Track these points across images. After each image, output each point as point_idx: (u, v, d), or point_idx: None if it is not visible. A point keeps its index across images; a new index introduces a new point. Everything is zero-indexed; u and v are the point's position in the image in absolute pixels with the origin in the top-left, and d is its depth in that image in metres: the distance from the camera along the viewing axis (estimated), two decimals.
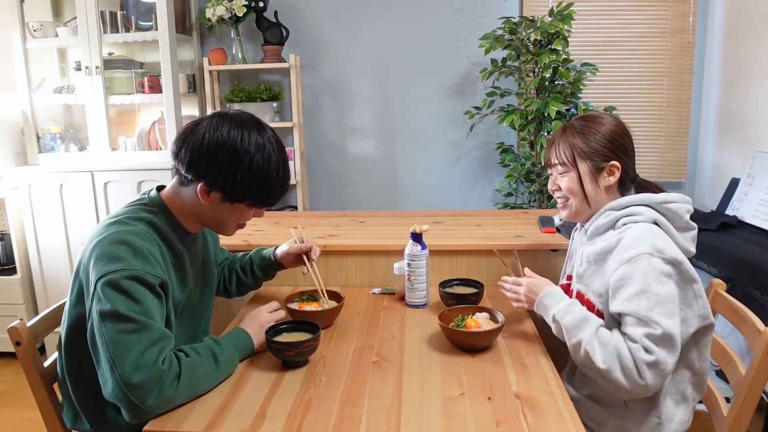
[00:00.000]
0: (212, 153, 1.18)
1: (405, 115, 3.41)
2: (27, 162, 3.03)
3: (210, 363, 1.17)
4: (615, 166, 1.34)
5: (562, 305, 1.29)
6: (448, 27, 3.26)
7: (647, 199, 1.31)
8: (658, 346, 1.15)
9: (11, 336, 1.29)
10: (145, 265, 1.13)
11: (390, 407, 1.10)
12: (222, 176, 1.19)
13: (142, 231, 1.19)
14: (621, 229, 1.29)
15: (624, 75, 3.26)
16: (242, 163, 1.18)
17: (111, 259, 1.12)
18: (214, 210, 1.26)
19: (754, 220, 2.37)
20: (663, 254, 1.20)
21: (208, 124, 1.20)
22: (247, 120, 1.23)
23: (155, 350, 1.08)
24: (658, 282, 1.18)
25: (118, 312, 1.08)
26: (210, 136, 1.18)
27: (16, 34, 2.91)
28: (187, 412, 1.10)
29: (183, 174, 1.24)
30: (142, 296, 1.11)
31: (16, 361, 1.36)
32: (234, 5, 3.01)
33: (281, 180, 1.25)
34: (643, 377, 1.15)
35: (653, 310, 1.16)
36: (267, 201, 1.27)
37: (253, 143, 1.19)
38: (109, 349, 1.07)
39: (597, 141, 1.33)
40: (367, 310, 1.62)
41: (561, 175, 1.38)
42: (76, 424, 1.30)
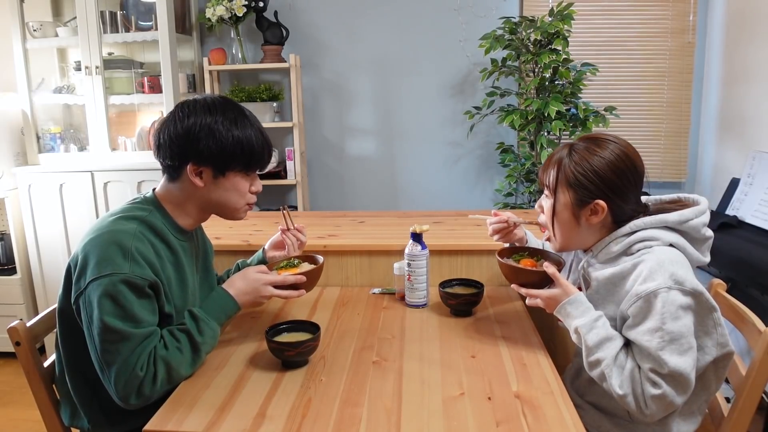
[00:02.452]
0: (188, 131, 1.23)
1: (405, 115, 3.41)
2: (27, 162, 3.03)
3: (188, 350, 1.22)
4: (600, 206, 1.23)
5: (587, 320, 1.21)
6: (448, 27, 3.25)
7: (662, 221, 1.23)
8: (665, 382, 1.12)
9: (11, 336, 1.29)
10: (134, 267, 1.15)
11: (390, 407, 1.10)
12: (204, 148, 1.22)
13: (133, 230, 1.20)
14: (636, 255, 1.22)
15: (624, 75, 3.26)
16: (218, 130, 1.23)
17: (101, 261, 1.15)
18: (212, 191, 1.28)
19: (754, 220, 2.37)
20: (683, 285, 1.14)
21: (177, 112, 1.26)
22: (212, 97, 1.29)
23: (134, 357, 1.14)
24: (674, 318, 1.12)
25: (104, 322, 1.13)
26: (182, 119, 1.24)
27: (16, 34, 2.91)
28: (187, 412, 1.10)
29: (169, 164, 1.26)
30: (128, 301, 1.14)
31: (16, 361, 1.37)
32: (234, 5, 3.01)
33: (258, 133, 1.28)
34: (648, 407, 1.14)
35: (663, 350, 1.11)
36: (254, 160, 1.28)
37: (220, 109, 1.25)
38: (99, 353, 1.15)
39: (585, 175, 1.22)
40: (367, 310, 1.62)
41: (546, 197, 1.32)
42: (74, 421, 1.31)
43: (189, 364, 1.22)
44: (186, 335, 1.23)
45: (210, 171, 1.26)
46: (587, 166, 1.23)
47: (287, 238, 1.56)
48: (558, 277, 1.27)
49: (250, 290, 1.33)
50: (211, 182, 1.27)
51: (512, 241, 1.57)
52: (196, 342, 1.23)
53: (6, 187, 2.95)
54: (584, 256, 1.35)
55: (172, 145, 1.24)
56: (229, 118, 1.25)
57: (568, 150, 1.28)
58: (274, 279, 1.35)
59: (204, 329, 1.25)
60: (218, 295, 1.32)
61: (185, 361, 1.21)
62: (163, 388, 1.18)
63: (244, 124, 1.26)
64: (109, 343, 1.14)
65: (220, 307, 1.31)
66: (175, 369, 1.19)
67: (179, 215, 1.31)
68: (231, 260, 1.89)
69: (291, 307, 1.67)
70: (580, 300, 1.24)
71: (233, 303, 1.32)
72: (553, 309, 1.27)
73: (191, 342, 1.23)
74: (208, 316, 1.27)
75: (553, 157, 1.30)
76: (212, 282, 1.50)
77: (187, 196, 1.29)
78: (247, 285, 1.33)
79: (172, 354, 1.19)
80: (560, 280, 1.27)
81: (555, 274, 1.27)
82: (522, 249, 1.45)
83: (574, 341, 1.25)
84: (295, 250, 1.56)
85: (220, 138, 1.23)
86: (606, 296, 1.27)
